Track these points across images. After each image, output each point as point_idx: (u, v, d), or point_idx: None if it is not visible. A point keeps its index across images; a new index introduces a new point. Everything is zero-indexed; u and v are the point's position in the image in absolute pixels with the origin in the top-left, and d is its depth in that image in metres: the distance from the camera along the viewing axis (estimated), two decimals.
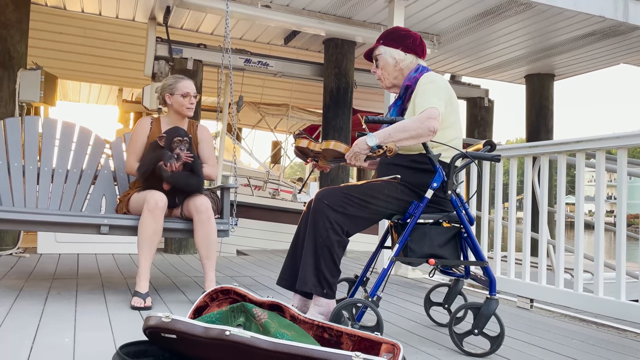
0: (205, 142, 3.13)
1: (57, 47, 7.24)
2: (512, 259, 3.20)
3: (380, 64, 2.33)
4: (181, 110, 3.01)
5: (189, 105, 3.00)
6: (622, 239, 2.57)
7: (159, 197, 2.69)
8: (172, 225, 2.85)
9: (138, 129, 3.06)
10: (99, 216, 2.78)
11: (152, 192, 2.73)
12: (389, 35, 2.35)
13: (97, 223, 2.76)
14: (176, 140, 2.78)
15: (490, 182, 3.53)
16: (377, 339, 1.69)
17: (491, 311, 1.97)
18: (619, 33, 5.36)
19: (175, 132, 2.81)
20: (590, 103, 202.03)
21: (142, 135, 3.03)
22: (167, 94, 3.01)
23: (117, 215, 2.82)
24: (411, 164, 2.16)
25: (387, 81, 2.34)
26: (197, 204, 2.80)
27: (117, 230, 2.80)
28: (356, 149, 2.05)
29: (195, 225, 2.80)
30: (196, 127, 3.16)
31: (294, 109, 8.50)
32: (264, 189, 7.83)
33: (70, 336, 1.97)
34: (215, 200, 3.03)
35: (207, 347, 1.51)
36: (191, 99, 3.00)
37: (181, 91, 2.99)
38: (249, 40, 6.50)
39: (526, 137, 7.19)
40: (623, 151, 2.60)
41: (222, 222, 2.97)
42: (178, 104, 3.00)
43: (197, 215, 2.79)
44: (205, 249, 2.80)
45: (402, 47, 2.30)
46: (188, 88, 3.01)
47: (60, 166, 3.20)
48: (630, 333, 2.53)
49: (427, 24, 5.41)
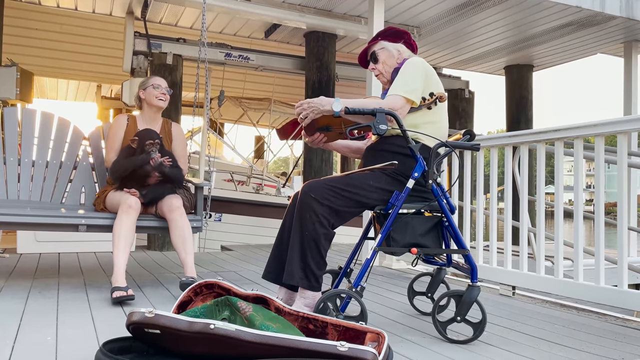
0: (179, 141, 3.27)
1: (32, 44, 7.10)
2: (494, 247, 3.24)
3: (382, 57, 2.35)
4: (152, 100, 3.11)
5: (160, 95, 3.11)
6: (601, 226, 2.62)
7: (132, 201, 2.81)
8: (146, 224, 2.97)
9: (115, 125, 3.15)
10: (77, 216, 2.89)
11: (126, 196, 2.85)
12: (387, 32, 2.42)
13: (75, 223, 2.88)
14: (148, 144, 2.92)
15: (472, 173, 3.56)
16: (362, 329, 1.70)
17: (473, 298, 1.99)
18: (595, 23, 5.44)
19: (147, 135, 2.94)
20: (568, 93, 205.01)
21: (120, 131, 3.13)
22: (141, 90, 3.17)
23: (94, 214, 2.92)
24: (399, 149, 2.16)
25: (388, 74, 2.36)
26: (168, 205, 2.92)
27: (94, 229, 2.92)
28: (316, 102, 2.08)
29: (169, 224, 2.90)
30: (170, 125, 3.28)
31: (276, 103, 8.46)
32: (248, 184, 7.80)
33: (52, 334, 1.94)
34: (188, 198, 3.14)
35: (192, 342, 1.51)
36: (162, 90, 3.12)
37: (152, 83, 3.12)
38: (229, 34, 6.45)
39: (506, 127, 7.28)
40: (600, 139, 2.65)
41: (194, 219, 3.06)
42: (150, 96, 3.11)
43: (169, 214, 2.89)
44: (182, 245, 2.87)
45: (402, 41, 2.38)
46: (159, 81, 3.15)
47: (40, 157, 3.31)
48: (609, 317, 2.59)
49: (407, 16, 5.43)
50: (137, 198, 2.86)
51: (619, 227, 2.52)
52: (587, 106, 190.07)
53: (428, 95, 2.18)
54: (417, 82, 2.17)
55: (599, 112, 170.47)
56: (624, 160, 2.53)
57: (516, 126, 7.02)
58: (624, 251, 2.50)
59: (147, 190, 2.94)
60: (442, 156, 2.16)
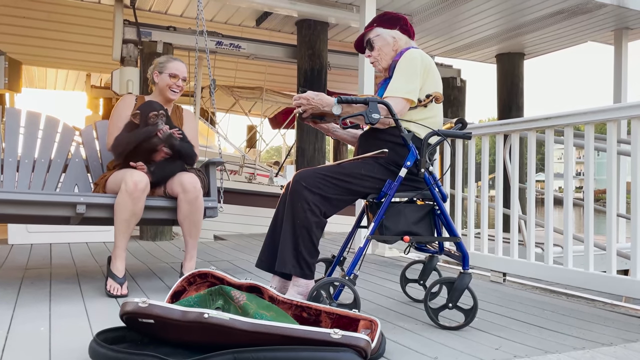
0: (190, 127, 3.03)
1: (20, 32, 6.99)
2: (485, 235, 3.27)
3: (378, 44, 2.33)
4: (165, 91, 2.88)
5: (175, 87, 2.89)
6: (590, 213, 2.65)
7: (139, 178, 2.49)
8: (155, 203, 2.63)
9: (121, 105, 2.89)
10: (75, 194, 2.54)
11: (131, 172, 2.54)
12: (382, 17, 2.38)
13: (73, 201, 2.51)
14: (152, 115, 2.63)
15: (463, 161, 3.58)
16: (355, 316, 1.72)
17: (464, 285, 2.02)
18: (586, 11, 5.45)
19: (149, 107, 2.65)
20: (559, 81, 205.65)
21: (126, 111, 2.83)
22: (157, 71, 2.90)
23: (94, 194, 2.60)
24: (392, 138, 2.17)
25: (384, 62, 2.34)
26: (183, 182, 2.63)
27: (95, 210, 2.57)
28: (319, 98, 2.12)
29: (180, 203, 2.65)
30: (181, 110, 3.09)
31: (268, 92, 8.42)
32: (240, 173, 7.78)
33: (45, 325, 1.95)
34: (201, 179, 2.86)
35: (186, 331, 1.51)
36: (179, 81, 2.89)
37: (170, 70, 2.88)
38: (220, 22, 6.39)
39: (498, 115, 7.30)
40: (590, 127, 2.67)
41: (210, 200, 2.83)
42: (164, 83, 2.88)
43: (183, 194, 2.64)
44: (188, 226, 2.68)
45: (398, 27, 2.35)
46: (178, 70, 2.89)
47: (26, 156, 3.06)
48: (598, 302, 2.63)
49: (399, 3, 5.40)
50: (145, 174, 2.56)
51: (608, 213, 2.55)
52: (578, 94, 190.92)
53: (424, 97, 2.18)
54: (417, 81, 2.17)
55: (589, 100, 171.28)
56: (613, 147, 2.55)
57: (507, 114, 7.04)
58: (613, 238, 2.53)
59: (155, 167, 2.64)
60: (434, 145, 2.17)
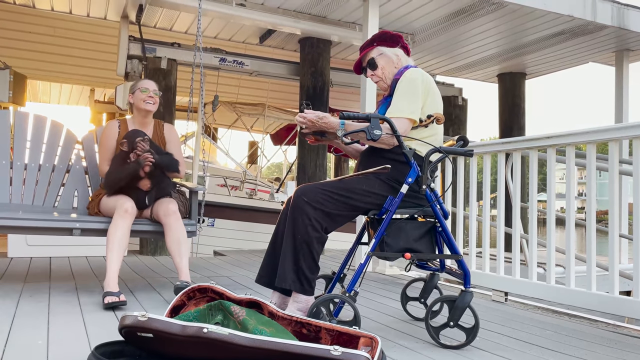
0: (172, 142, 3.26)
1: (26, 47, 7.07)
2: (487, 253, 3.26)
3: (381, 63, 2.35)
4: (140, 104, 3.10)
5: (148, 99, 3.09)
6: (592, 233, 2.64)
7: (129, 205, 2.80)
8: (141, 228, 2.96)
9: (106, 132, 3.15)
10: (71, 220, 2.86)
11: (121, 199, 2.83)
12: (383, 36, 2.41)
13: (69, 227, 2.86)
14: (139, 141, 2.90)
15: (465, 180, 3.58)
16: (356, 333, 1.70)
17: (466, 303, 2.00)
18: (587, 32, 5.50)
19: (135, 134, 2.92)
20: (560, 101, 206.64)
21: (111, 139, 3.12)
22: (130, 94, 3.16)
23: (88, 218, 2.91)
24: (394, 155, 2.17)
25: (388, 79, 2.36)
26: (164, 209, 2.91)
27: (89, 233, 2.91)
28: (324, 121, 2.16)
29: (165, 228, 2.90)
30: (162, 127, 3.28)
31: (270, 109, 8.46)
32: (241, 189, 7.78)
33: (44, 337, 1.93)
34: (183, 202, 3.16)
35: (185, 346, 1.50)
36: (150, 93, 3.10)
37: (140, 86, 3.11)
38: (224, 39, 6.46)
39: (499, 134, 7.32)
40: (592, 146, 2.68)
41: (189, 224, 3.06)
42: (138, 99, 3.10)
43: (165, 218, 2.89)
44: (176, 249, 2.86)
45: (398, 45, 2.38)
46: (147, 84, 3.13)
47: (32, 160, 3.29)
48: (601, 323, 2.60)
49: (402, 23, 5.46)
50: (133, 202, 2.85)
51: (610, 234, 2.54)
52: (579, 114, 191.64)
53: (426, 117, 2.19)
54: (418, 101, 2.19)
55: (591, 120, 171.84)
56: (615, 167, 2.55)
57: (509, 133, 7.06)
58: (615, 258, 2.51)
59: (148, 195, 2.95)
60: (436, 162, 2.18)
